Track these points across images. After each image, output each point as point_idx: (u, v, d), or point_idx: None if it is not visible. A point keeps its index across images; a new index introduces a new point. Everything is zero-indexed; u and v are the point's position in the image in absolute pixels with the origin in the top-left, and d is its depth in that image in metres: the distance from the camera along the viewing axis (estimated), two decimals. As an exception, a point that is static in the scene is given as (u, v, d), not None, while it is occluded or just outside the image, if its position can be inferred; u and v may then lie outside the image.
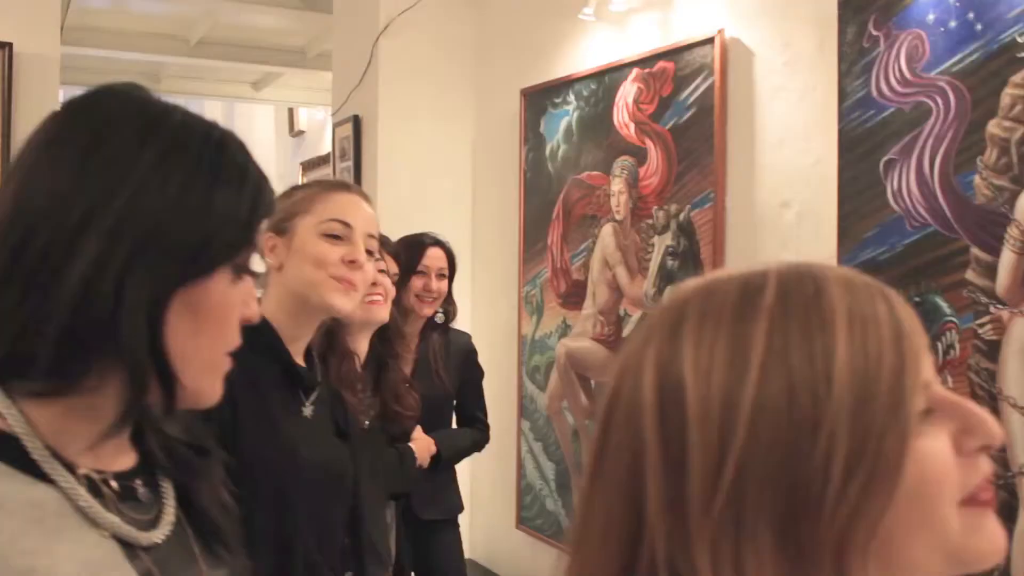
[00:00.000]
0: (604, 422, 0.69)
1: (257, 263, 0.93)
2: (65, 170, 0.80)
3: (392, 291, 2.32)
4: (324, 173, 7.13)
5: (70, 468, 0.81)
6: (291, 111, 7.95)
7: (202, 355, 0.85)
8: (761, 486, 0.61)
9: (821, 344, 0.62)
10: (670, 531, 0.63)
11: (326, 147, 7.33)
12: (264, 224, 0.89)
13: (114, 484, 0.85)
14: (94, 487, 0.82)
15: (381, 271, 2.20)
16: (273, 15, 5.10)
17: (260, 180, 0.88)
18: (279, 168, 8.51)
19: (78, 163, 0.80)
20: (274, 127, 8.53)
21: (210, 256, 0.82)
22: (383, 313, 2.26)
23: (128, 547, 0.82)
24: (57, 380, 0.78)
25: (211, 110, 8.99)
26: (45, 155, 0.82)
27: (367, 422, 2.26)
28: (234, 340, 0.87)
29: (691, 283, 0.71)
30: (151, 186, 0.80)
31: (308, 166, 7.53)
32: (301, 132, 7.93)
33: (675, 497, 0.63)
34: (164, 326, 0.80)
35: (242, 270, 0.86)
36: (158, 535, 0.86)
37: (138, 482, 0.88)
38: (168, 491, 0.91)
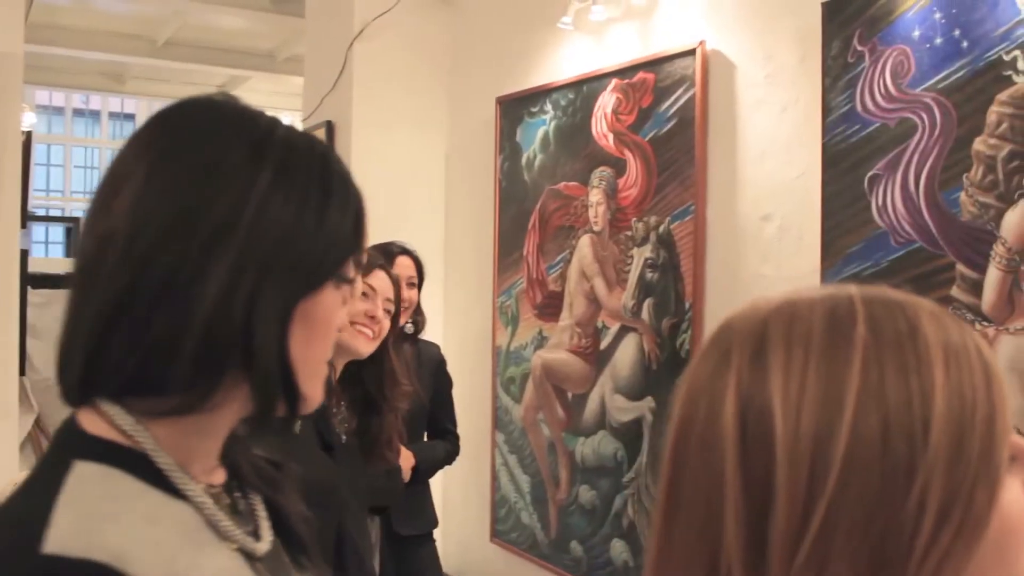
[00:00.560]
0: (675, 452, 0.66)
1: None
2: (187, 188, 0.79)
3: (384, 329, 2.27)
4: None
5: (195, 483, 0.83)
6: (257, 115, 7.88)
7: (313, 363, 0.86)
8: (849, 534, 0.58)
9: (918, 385, 0.60)
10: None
11: (293, 152, 7.29)
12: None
13: (226, 498, 0.88)
14: (215, 501, 0.84)
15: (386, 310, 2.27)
16: (243, 17, 5.03)
17: (359, 194, 0.89)
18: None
19: (199, 181, 0.79)
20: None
21: (324, 270, 0.84)
22: (365, 347, 2.21)
23: (248, 558, 0.85)
24: (188, 398, 0.79)
25: (175, 113, 8.90)
26: (160, 171, 0.80)
27: (343, 436, 2.22)
28: (329, 345, 0.89)
29: (763, 303, 0.68)
30: (273, 204, 0.80)
31: (274, 171, 7.47)
32: (267, 136, 7.86)
33: (756, 540, 0.59)
34: (290, 339, 0.82)
35: (344, 280, 0.88)
36: (264, 545, 0.88)
37: (237, 495, 0.91)
38: (259, 504, 0.93)
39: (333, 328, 0.88)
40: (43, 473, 0.79)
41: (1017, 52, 2.08)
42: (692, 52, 2.93)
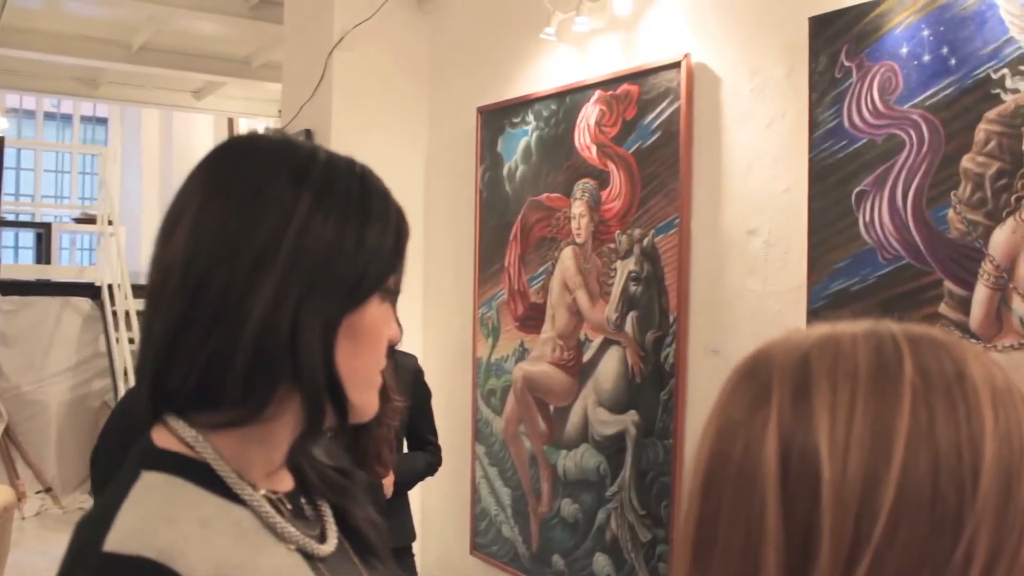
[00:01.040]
0: (707, 487, 0.63)
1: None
2: (232, 216, 0.86)
3: None
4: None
5: (254, 489, 0.90)
6: (231, 121, 7.81)
7: (362, 374, 0.92)
8: None
9: (968, 430, 0.58)
10: None
11: (268, 158, 7.23)
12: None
13: (288, 504, 0.94)
14: (274, 506, 0.91)
15: None
16: (219, 23, 4.98)
17: (399, 210, 0.96)
18: (218, 178, 8.37)
19: (243, 209, 0.86)
20: (213, 137, 8.38)
21: (367, 286, 0.90)
22: None
23: (308, 558, 0.91)
24: (243, 410, 0.86)
25: (148, 118, 8.80)
26: (210, 203, 0.87)
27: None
28: (384, 358, 0.96)
29: (801, 336, 0.66)
30: (312, 228, 0.87)
31: (249, 177, 7.40)
32: (242, 142, 7.80)
33: None
34: (335, 352, 0.88)
35: (388, 293, 0.94)
36: (328, 547, 0.95)
37: (303, 501, 0.98)
38: (326, 510, 1.00)
39: (381, 340, 0.94)
40: (118, 483, 0.87)
41: (1005, 70, 2.08)
42: (677, 65, 2.92)
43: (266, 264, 0.85)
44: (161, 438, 0.89)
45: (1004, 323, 2.11)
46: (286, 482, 0.97)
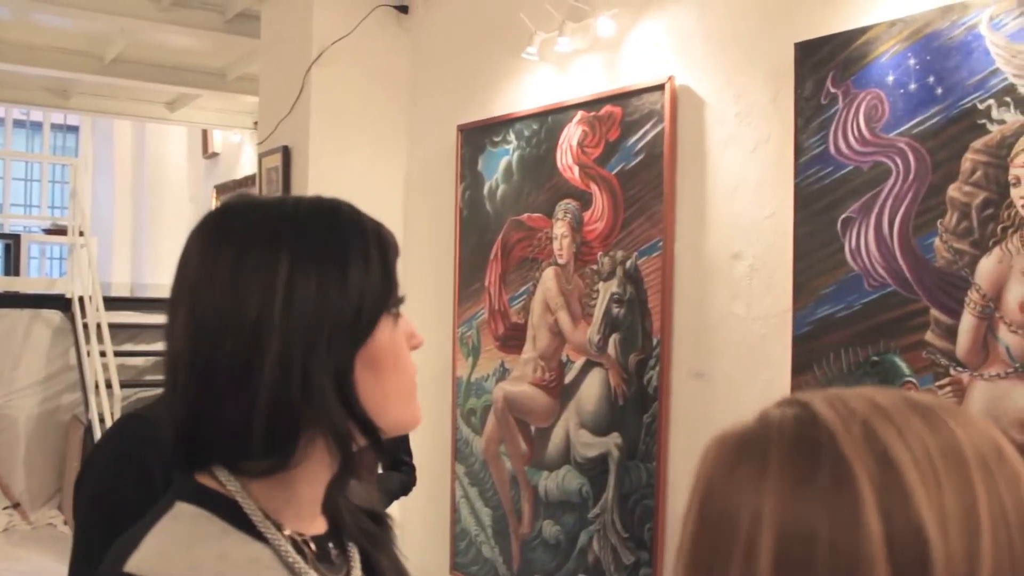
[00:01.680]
0: (784, 568, 0.60)
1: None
2: (221, 297, 0.90)
3: None
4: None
5: (279, 529, 0.94)
6: (205, 132, 7.75)
7: (392, 394, 0.96)
8: None
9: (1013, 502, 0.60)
10: None
11: (242, 171, 7.17)
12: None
13: (312, 546, 0.97)
14: (297, 547, 0.95)
15: None
16: (195, 37, 4.93)
17: (377, 230, 0.97)
18: (191, 190, 8.29)
19: (229, 287, 0.90)
20: (187, 148, 8.31)
21: (366, 322, 0.93)
22: None
23: None
24: (269, 463, 0.90)
25: (121, 127, 8.72)
26: (199, 286, 0.91)
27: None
28: (413, 368, 0.99)
29: (837, 401, 0.64)
30: (297, 288, 0.90)
31: (222, 189, 7.34)
32: (215, 154, 7.73)
33: None
34: (355, 389, 0.92)
35: (394, 310, 0.97)
36: None
37: (330, 545, 1.01)
38: (355, 554, 1.03)
39: (402, 354, 0.98)
40: (154, 510, 0.93)
41: (991, 101, 2.09)
42: (661, 87, 2.92)
43: (263, 335, 0.88)
44: (200, 474, 0.95)
45: (991, 352, 2.11)
46: (318, 525, 1.01)
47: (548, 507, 3.34)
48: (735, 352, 2.72)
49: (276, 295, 0.89)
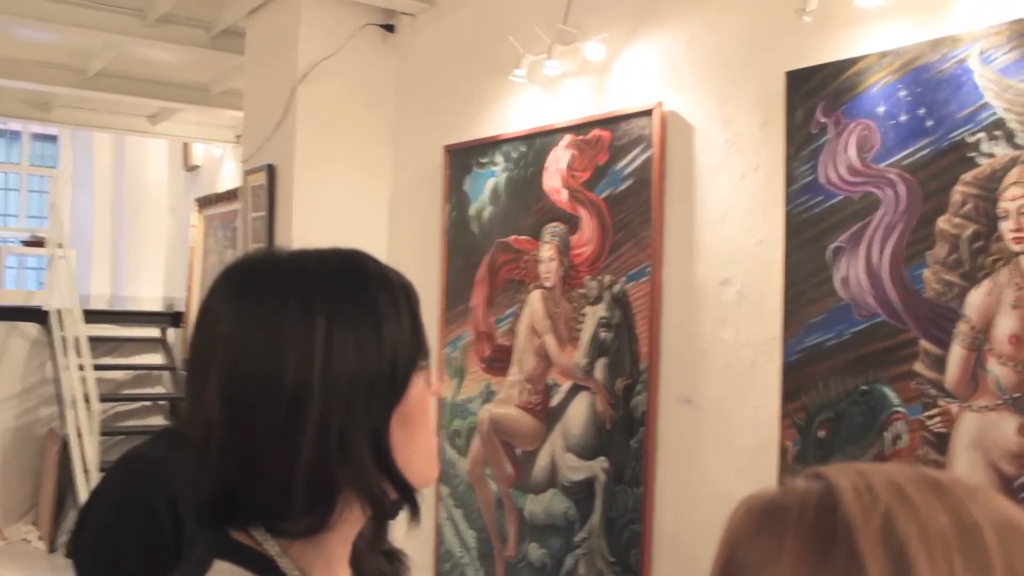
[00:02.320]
0: None
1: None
2: (257, 363, 0.88)
3: None
4: (220, 212, 6.92)
5: None
6: (186, 145, 7.71)
7: (419, 450, 0.95)
8: None
9: None
10: None
11: (223, 184, 7.13)
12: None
13: None
14: None
15: None
16: (179, 53, 4.90)
17: (402, 283, 0.97)
18: (172, 202, 8.24)
19: (267, 353, 0.88)
20: (167, 160, 8.26)
21: (401, 380, 0.93)
22: None
23: None
24: (309, 523, 0.89)
25: (101, 140, 8.66)
26: (233, 351, 0.90)
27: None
28: (434, 418, 1.03)
29: (865, 493, 0.64)
30: (335, 352, 0.89)
31: (204, 203, 7.30)
32: (196, 167, 7.70)
33: None
34: (391, 449, 0.92)
35: (425, 361, 0.97)
36: None
37: None
38: None
39: (429, 409, 0.98)
40: (192, 566, 0.93)
41: (981, 134, 2.11)
42: (649, 112, 2.92)
43: (303, 399, 0.87)
44: (237, 532, 0.94)
45: (980, 384, 2.12)
46: (344, 572, 1.01)
47: (534, 530, 3.32)
48: (723, 378, 2.72)
49: (315, 358, 0.88)
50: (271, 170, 4.14)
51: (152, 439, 1.60)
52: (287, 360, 0.88)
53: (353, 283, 0.94)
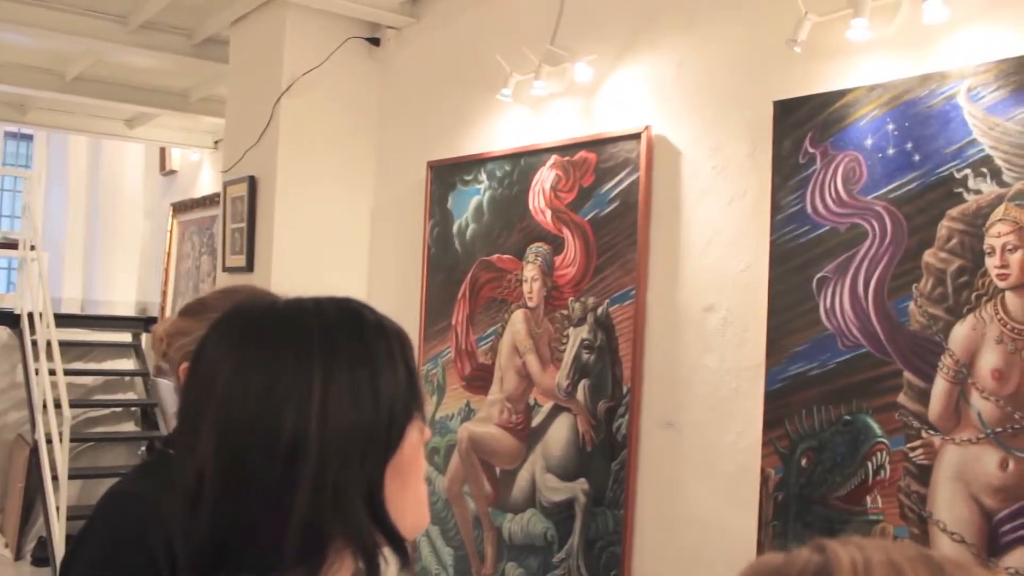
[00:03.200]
0: None
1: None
2: (255, 405, 0.87)
3: None
4: (196, 217, 6.87)
5: None
6: (163, 149, 7.65)
7: (411, 499, 0.95)
8: None
9: None
10: None
11: (200, 190, 7.09)
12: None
13: None
14: None
15: None
16: (159, 59, 4.86)
17: (397, 332, 0.96)
18: (147, 206, 8.18)
19: (265, 398, 0.87)
20: (144, 163, 8.19)
21: (397, 431, 0.92)
22: None
23: None
24: (301, 571, 0.88)
25: (77, 141, 8.59)
26: (235, 393, 0.88)
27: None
28: (425, 467, 0.99)
29: (872, 565, 0.65)
30: (331, 404, 0.87)
31: (180, 208, 7.25)
32: (173, 171, 7.64)
33: None
34: (384, 504, 0.90)
35: (420, 412, 0.96)
36: None
37: None
38: None
39: (420, 456, 0.96)
40: None
41: (968, 171, 2.13)
42: (637, 136, 2.93)
43: (298, 455, 0.86)
44: None
45: (963, 417, 2.14)
46: None
47: (512, 549, 3.32)
48: (706, 404, 2.73)
49: (312, 411, 0.87)
50: (252, 181, 4.12)
51: (137, 475, 1.56)
52: (284, 413, 0.87)
53: (350, 334, 0.93)
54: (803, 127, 2.45)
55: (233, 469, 0.87)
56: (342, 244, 4.13)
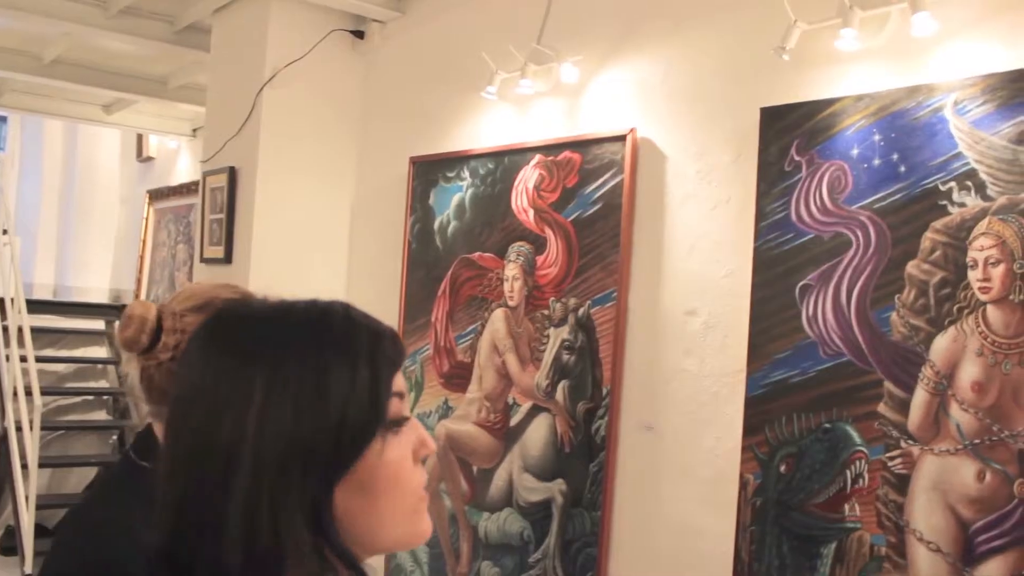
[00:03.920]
0: None
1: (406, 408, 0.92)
2: (201, 409, 0.84)
3: None
4: (173, 205, 6.81)
5: None
6: (140, 135, 7.57)
7: (387, 514, 0.87)
8: None
9: None
10: None
11: (177, 177, 7.02)
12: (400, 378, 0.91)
13: None
14: None
15: None
16: (139, 44, 4.81)
17: (372, 340, 0.88)
18: (123, 192, 8.10)
19: (209, 403, 0.84)
20: (120, 149, 8.11)
21: (352, 445, 0.84)
22: None
23: None
24: None
25: (52, 125, 8.49)
26: (185, 395, 0.86)
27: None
28: (418, 482, 0.90)
29: None
30: (271, 411, 0.82)
31: (156, 195, 7.18)
32: (150, 158, 7.56)
33: None
34: (333, 522, 0.84)
35: (392, 427, 0.88)
36: None
37: None
38: None
39: (402, 472, 0.88)
40: None
41: (953, 183, 2.14)
42: (622, 138, 2.93)
43: (233, 464, 0.81)
44: None
45: (941, 428, 2.16)
46: None
47: (488, 548, 3.32)
48: (686, 408, 2.73)
49: (249, 420, 0.82)
50: (232, 172, 4.09)
51: (109, 494, 1.41)
52: (223, 420, 0.82)
53: (305, 339, 0.87)
54: (789, 135, 2.46)
55: (179, 475, 0.85)
56: (322, 238, 4.10)
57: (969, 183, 2.12)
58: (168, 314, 1.34)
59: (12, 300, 6.79)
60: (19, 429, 6.18)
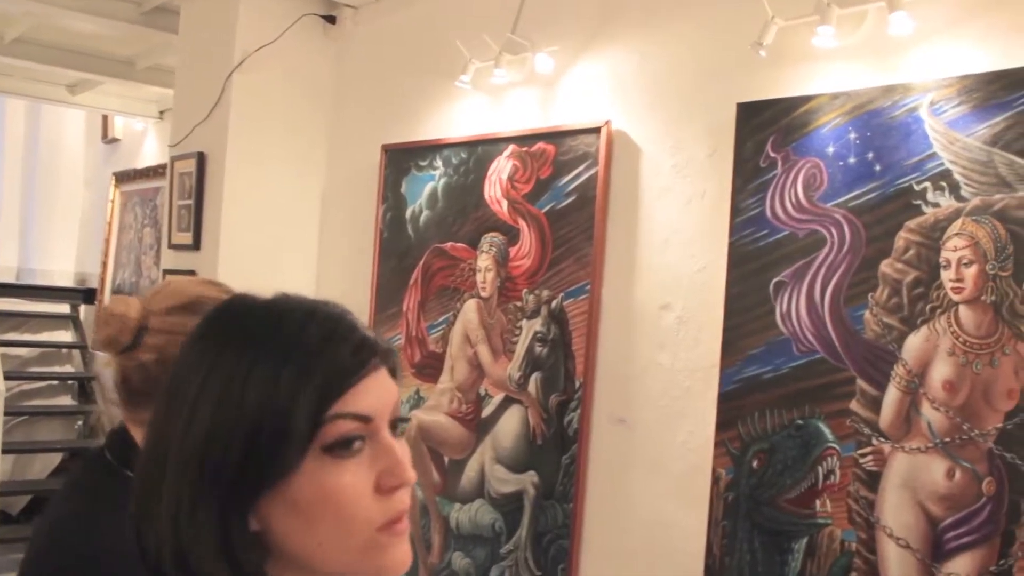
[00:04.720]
0: None
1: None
2: (161, 400, 0.83)
3: None
4: (140, 188, 6.73)
5: None
6: (105, 116, 7.46)
7: (332, 545, 0.80)
8: None
9: None
10: None
11: (143, 160, 6.92)
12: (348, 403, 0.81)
13: None
14: None
15: None
16: (107, 27, 4.73)
17: (319, 346, 0.80)
18: (87, 175, 7.98)
19: (164, 395, 0.83)
20: (85, 130, 7.99)
21: (269, 450, 0.78)
22: None
23: None
24: None
25: (14, 105, 8.34)
26: (158, 405, 0.85)
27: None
28: (374, 514, 0.81)
29: None
30: (199, 410, 0.79)
31: (122, 178, 7.09)
32: (116, 140, 7.45)
33: None
34: (245, 534, 0.78)
35: (341, 448, 0.80)
36: None
37: None
38: None
39: (348, 505, 0.79)
40: None
41: (927, 183, 2.15)
42: (597, 130, 2.91)
43: (162, 464, 0.80)
44: None
45: (913, 426, 2.17)
46: None
47: (459, 539, 3.31)
48: (658, 402, 2.74)
49: (180, 417, 0.80)
50: (201, 158, 4.03)
51: (84, 499, 1.32)
52: (170, 410, 0.82)
53: (251, 334, 0.82)
54: (765, 131, 2.46)
55: (138, 471, 0.84)
56: (292, 225, 4.06)
57: (943, 183, 2.13)
58: (152, 313, 1.31)
59: (-27, 283, 6.70)
60: (-19, 414, 6.12)
